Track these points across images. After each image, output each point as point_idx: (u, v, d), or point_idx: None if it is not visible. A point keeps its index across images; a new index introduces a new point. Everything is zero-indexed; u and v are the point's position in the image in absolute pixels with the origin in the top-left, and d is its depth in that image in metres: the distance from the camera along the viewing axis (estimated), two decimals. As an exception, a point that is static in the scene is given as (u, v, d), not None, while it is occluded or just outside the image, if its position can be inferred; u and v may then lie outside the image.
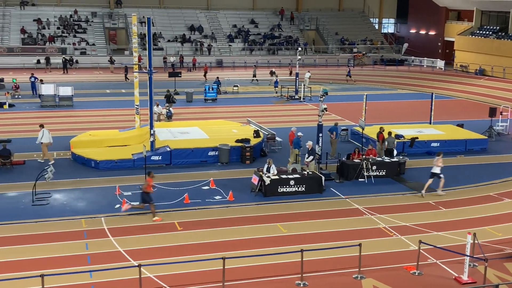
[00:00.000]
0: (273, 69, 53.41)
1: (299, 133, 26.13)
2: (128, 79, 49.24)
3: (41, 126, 26.76)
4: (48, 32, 62.00)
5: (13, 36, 60.87)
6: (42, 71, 53.35)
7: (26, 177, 23.61)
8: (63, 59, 55.35)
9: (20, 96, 41.29)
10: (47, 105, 38.46)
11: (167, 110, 33.67)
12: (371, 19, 77.66)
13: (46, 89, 39.06)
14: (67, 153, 27.30)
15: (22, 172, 24.60)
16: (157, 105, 33.47)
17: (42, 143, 26.12)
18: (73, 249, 17.29)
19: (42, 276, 13.69)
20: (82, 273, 15.39)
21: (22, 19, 63.39)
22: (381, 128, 28.15)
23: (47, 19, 63.75)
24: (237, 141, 27.27)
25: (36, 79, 42.73)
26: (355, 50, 67.25)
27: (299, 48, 49.91)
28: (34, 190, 21.48)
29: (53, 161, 25.48)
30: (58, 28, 63.24)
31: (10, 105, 38.12)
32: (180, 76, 46.98)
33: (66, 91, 39.06)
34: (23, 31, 61.17)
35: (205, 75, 51.87)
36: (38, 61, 56.17)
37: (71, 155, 26.91)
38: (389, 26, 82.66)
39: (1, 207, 20.59)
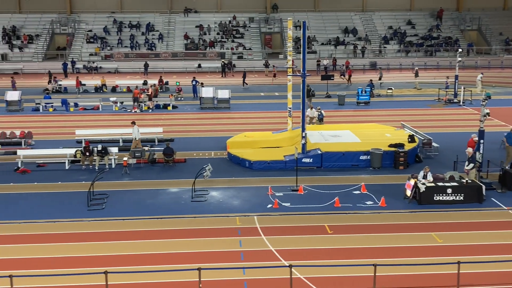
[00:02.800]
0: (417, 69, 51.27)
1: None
2: (246, 84, 50.13)
3: (133, 123, 28.65)
4: (208, 38, 65.34)
5: (177, 41, 65.02)
6: (202, 75, 56.24)
7: (187, 174, 25.02)
8: (222, 63, 57.97)
9: (182, 98, 43.91)
10: (206, 107, 40.50)
11: (319, 113, 33.81)
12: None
13: (206, 92, 41.15)
14: (224, 153, 28.50)
15: (183, 170, 26.13)
16: (311, 108, 33.75)
17: (135, 139, 27.91)
18: (227, 245, 18.00)
19: (199, 269, 14.43)
20: (235, 269, 15.97)
21: (185, 25, 67.49)
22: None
23: (208, 25, 67.21)
24: (391, 145, 26.59)
25: (197, 83, 45.18)
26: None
27: (460, 50, 47.51)
28: (193, 187, 22.72)
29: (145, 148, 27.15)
30: (218, 33, 66.39)
31: (174, 107, 40.72)
32: (333, 79, 46.95)
33: (224, 93, 40.89)
34: (186, 37, 65.10)
35: (349, 79, 51.17)
36: (199, 65, 59.32)
37: (227, 155, 28.06)
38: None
39: (164, 202, 22.04)
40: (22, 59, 61.73)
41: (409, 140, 27.57)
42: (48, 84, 47.69)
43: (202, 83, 44.39)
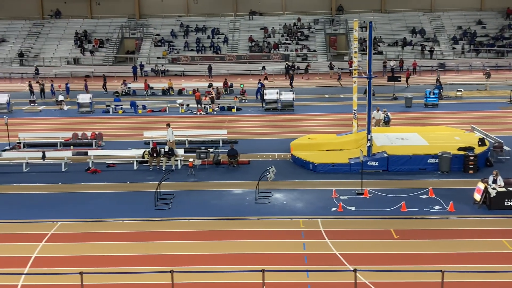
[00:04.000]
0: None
1: None
2: (292, 87, 49.67)
3: (168, 125, 29.15)
4: (273, 40, 65.54)
5: (241, 44, 65.57)
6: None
7: (250, 176, 25.18)
8: (286, 65, 57.99)
9: (246, 100, 44.23)
10: (270, 109, 40.62)
11: (385, 115, 33.25)
12: None
13: (270, 94, 41.27)
14: (287, 155, 28.49)
15: (247, 172, 26.31)
16: (377, 110, 33.25)
17: (169, 140, 28.50)
18: (291, 248, 17.98)
19: (263, 271, 14.47)
20: (299, 272, 15.93)
21: (250, 28, 67.97)
22: None
23: (273, 27, 67.42)
24: (460, 149, 25.81)
25: (263, 86, 45.30)
26: None
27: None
28: (257, 188, 22.84)
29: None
30: (282, 35, 66.49)
31: (238, 109, 41.08)
32: (400, 81, 46.06)
33: (287, 96, 40.90)
34: (250, 39, 65.56)
35: (407, 81, 49.94)
36: (263, 68, 59.55)
37: (291, 157, 28.03)
38: None
39: (228, 203, 22.26)
40: (93, 63, 63.93)
41: (479, 143, 26.68)
42: (103, 87, 49.30)
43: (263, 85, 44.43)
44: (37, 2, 70.24)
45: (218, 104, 41.30)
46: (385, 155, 25.92)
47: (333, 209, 21.25)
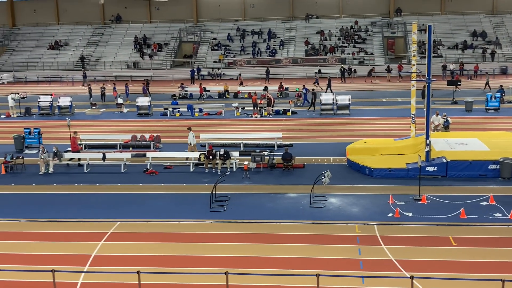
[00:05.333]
0: None
1: None
2: (331, 91, 48.76)
3: (189, 129, 30.03)
4: (329, 43, 65.19)
5: (297, 47, 65.53)
6: (321, 80, 56.14)
7: (305, 180, 25.09)
8: (341, 69, 57.55)
9: (302, 104, 44.12)
10: (326, 113, 40.39)
11: (445, 120, 32.49)
12: None
13: (326, 98, 41.05)
14: (343, 159, 28.26)
15: (301, 175, 26.23)
16: (437, 114, 32.55)
17: (190, 144, 29.26)
18: (346, 253, 17.81)
19: (317, 276, 14.39)
20: (354, 277, 15.75)
21: (306, 31, 67.85)
22: None
23: (329, 30, 67.07)
24: (523, 155, 24.96)
25: (307, 91, 44.71)
26: None
27: None
28: (312, 192, 22.74)
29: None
30: (338, 39, 66.06)
31: (293, 112, 41.04)
32: (460, 85, 44.94)
33: (343, 99, 40.57)
34: (306, 43, 65.41)
35: (487, 85, 48.48)
36: (319, 71, 59.29)
37: (346, 161, 27.78)
38: None
39: (282, 206, 22.25)
40: (152, 67, 65.28)
41: (544, 149, 25.71)
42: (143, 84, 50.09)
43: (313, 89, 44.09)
44: (99, 7, 72.36)
45: (273, 107, 41.35)
46: (444, 160, 25.33)
47: (390, 214, 20.91)
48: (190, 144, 29.66)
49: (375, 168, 25.76)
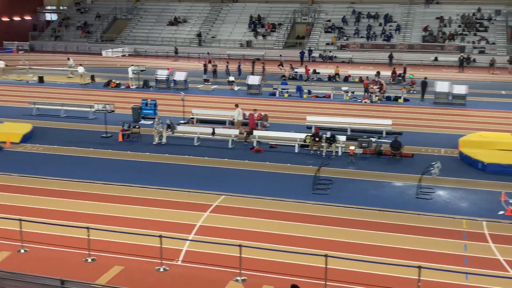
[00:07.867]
0: None
1: None
2: (404, 80, 46.20)
3: (236, 106, 30.88)
4: (448, 30, 62.48)
5: (414, 33, 63.40)
6: (437, 69, 54.04)
7: (413, 169, 24.45)
8: (461, 57, 55.04)
9: (415, 92, 42.74)
10: (440, 102, 38.92)
11: None
12: None
13: (441, 87, 39.51)
14: (455, 152, 27.19)
15: (409, 165, 25.57)
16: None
17: (238, 120, 30.29)
18: (450, 248, 17.23)
19: (419, 268, 14.07)
20: (458, 273, 15.23)
21: (425, 17, 65.42)
22: None
23: (449, 17, 64.22)
24: None
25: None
26: None
27: None
28: (419, 183, 22.12)
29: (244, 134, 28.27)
30: (459, 26, 63.12)
31: (405, 99, 39.91)
32: None
33: (460, 89, 38.89)
34: (425, 29, 63.09)
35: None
36: (436, 59, 57.10)
37: (458, 154, 26.71)
38: None
39: (387, 195, 21.86)
40: (265, 46, 65.91)
41: None
42: (206, 66, 50.07)
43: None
44: (217, -14, 73.94)
45: (384, 93, 40.43)
46: None
47: (501, 212, 19.93)
48: (237, 120, 30.55)
49: (489, 163, 24.58)
